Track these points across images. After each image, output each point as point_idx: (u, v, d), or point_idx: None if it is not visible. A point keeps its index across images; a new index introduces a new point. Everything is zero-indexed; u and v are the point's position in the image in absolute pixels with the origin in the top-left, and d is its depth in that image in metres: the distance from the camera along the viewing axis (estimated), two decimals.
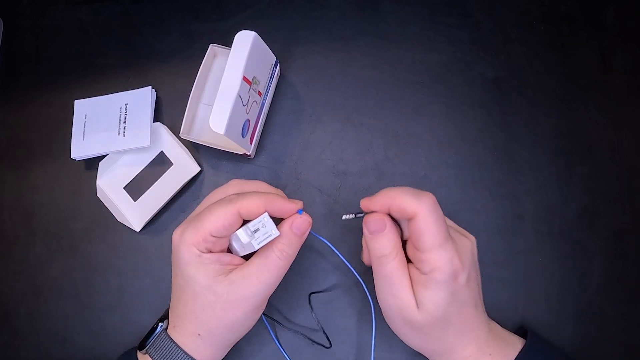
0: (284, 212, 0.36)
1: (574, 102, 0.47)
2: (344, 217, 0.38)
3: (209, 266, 0.35)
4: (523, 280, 0.44)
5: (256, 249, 0.35)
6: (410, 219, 0.34)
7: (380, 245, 0.35)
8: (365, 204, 0.37)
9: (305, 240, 0.37)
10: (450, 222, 0.39)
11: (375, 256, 0.36)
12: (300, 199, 0.38)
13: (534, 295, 0.44)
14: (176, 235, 0.36)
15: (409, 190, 0.35)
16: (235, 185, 0.39)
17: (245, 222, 0.36)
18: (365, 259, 0.41)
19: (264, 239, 0.35)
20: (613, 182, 0.46)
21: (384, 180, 0.46)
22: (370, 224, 0.36)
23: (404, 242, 0.37)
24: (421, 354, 0.40)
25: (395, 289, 0.35)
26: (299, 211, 0.37)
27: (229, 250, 0.38)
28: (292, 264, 0.37)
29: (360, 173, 0.47)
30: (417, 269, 0.35)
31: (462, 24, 0.49)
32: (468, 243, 0.37)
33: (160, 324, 0.38)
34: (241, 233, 0.35)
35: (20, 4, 0.53)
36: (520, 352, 0.37)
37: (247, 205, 0.35)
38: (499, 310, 0.43)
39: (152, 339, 0.37)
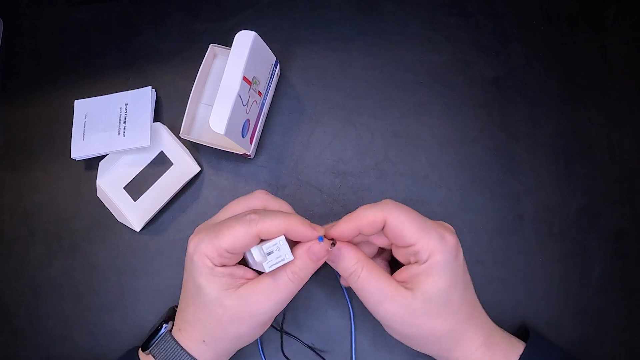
0: (304, 238, 0.35)
1: (574, 102, 0.47)
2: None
3: (220, 279, 0.35)
4: (523, 280, 0.44)
5: (266, 272, 0.34)
6: (383, 228, 0.35)
7: (344, 265, 0.36)
8: (334, 234, 0.36)
9: None
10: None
11: (346, 276, 0.37)
12: (300, 199, 0.38)
13: (534, 295, 0.44)
14: (192, 244, 0.36)
15: (366, 205, 0.36)
16: (260, 199, 0.38)
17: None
18: (342, 281, 0.42)
19: (276, 263, 0.34)
20: (613, 182, 0.46)
21: (384, 180, 0.46)
22: (329, 255, 0.36)
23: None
24: (422, 355, 0.40)
25: (378, 296, 0.35)
26: (320, 238, 0.35)
27: (243, 259, 0.38)
28: None
29: (360, 173, 0.47)
30: (416, 262, 0.35)
31: (462, 24, 0.49)
32: (450, 227, 0.37)
33: (164, 325, 0.38)
34: (255, 251, 0.34)
35: (20, 4, 0.53)
36: (525, 347, 0.37)
37: (268, 228, 0.34)
38: (499, 310, 0.43)
39: (156, 340, 0.38)
